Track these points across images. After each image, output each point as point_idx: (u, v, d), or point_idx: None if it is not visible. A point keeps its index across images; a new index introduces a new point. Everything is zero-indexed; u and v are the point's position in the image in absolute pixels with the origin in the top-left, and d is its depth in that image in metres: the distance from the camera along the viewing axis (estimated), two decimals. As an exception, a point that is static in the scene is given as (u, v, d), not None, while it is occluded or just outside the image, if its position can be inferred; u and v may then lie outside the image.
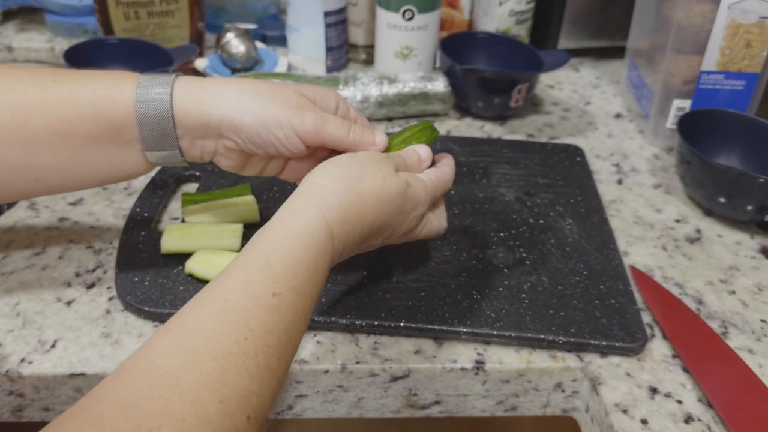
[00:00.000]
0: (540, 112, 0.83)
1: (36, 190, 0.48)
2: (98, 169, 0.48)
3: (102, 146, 0.47)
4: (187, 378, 0.33)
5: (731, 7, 0.68)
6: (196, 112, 0.47)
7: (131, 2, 0.79)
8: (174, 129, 0.47)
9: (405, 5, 0.78)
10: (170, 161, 0.49)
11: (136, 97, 0.46)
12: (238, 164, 0.51)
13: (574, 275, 0.57)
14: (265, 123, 0.47)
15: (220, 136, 0.48)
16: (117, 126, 0.46)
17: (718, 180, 0.63)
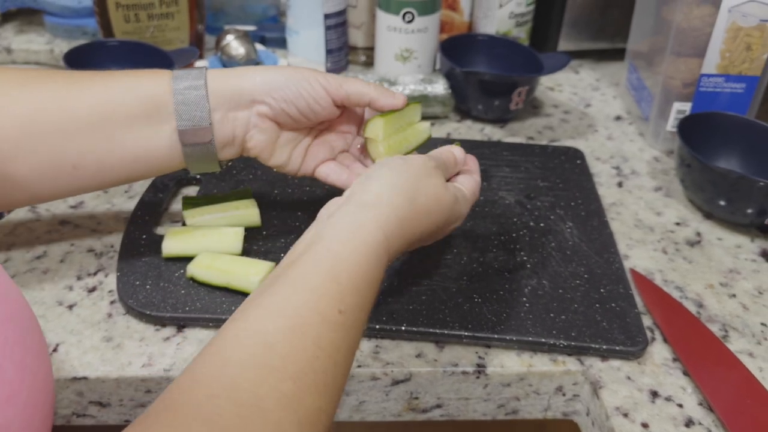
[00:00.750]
0: (540, 115, 0.83)
1: (72, 181, 0.50)
2: (134, 153, 0.50)
3: (138, 128, 0.49)
4: (268, 398, 0.33)
5: (731, 11, 0.68)
6: (228, 81, 0.50)
7: (131, 4, 0.79)
8: (207, 100, 0.49)
9: (405, 8, 0.78)
10: (201, 145, 0.51)
11: (173, 75, 0.50)
12: (269, 141, 0.53)
13: (575, 279, 0.57)
14: (294, 79, 0.51)
15: (252, 103, 0.51)
16: (154, 104, 0.49)
17: (718, 183, 0.63)
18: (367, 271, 0.41)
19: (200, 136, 0.50)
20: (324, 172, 0.56)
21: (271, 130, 0.53)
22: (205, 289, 0.54)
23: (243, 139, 0.52)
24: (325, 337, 0.37)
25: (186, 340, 0.51)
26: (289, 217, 0.62)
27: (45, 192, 0.50)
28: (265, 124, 0.52)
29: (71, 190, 0.51)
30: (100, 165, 0.50)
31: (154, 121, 0.49)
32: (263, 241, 0.59)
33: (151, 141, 0.50)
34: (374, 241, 0.42)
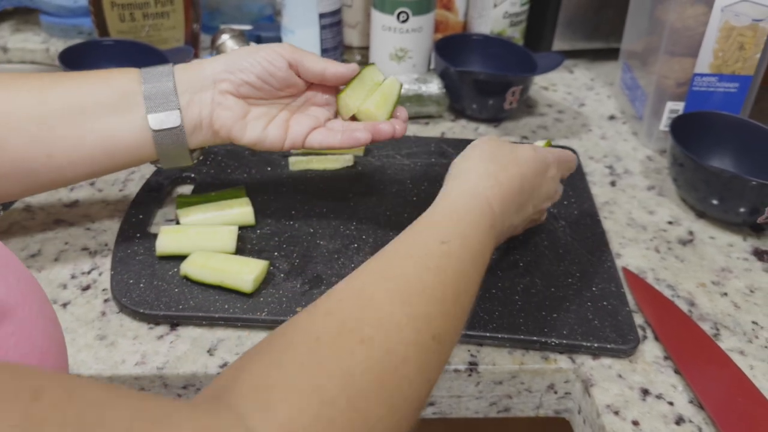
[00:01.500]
0: (534, 114, 0.83)
1: (46, 172, 0.51)
2: (105, 142, 0.51)
3: (109, 116, 0.51)
4: (382, 297, 0.38)
5: (724, 10, 0.68)
6: (193, 68, 0.53)
7: (126, 4, 0.79)
8: (174, 86, 0.52)
9: (400, 7, 0.78)
10: (170, 130, 0.52)
11: (142, 70, 0.53)
12: (238, 116, 0.53)
13: (567, 277, 0.57)
14: (251, 51, 0.53)
15: (214, 83, 0.53)
16: (124, 93, 0.51)
17: (711, 182, 0.63)
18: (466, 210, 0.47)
19: (169, 121, 0.52)
20: (315, 140, 0.55)
21: (236, 106, 0.53)
22: (199, 287, 0.54)
23: (210, 120, 0.53)
24: (431, 259, 0.42)
25: (179, 339, 0.51)
26: (283, 216, 0.62)
27: (24, 183, 0.51)
28: (228, 100, 0.53)
29: (46, 181, 0.52)
30: (74, 153, 0.51)
31: (124, 109, 0.51)
32: (257, 239, 0.60)
33: (121, 128, 0.51)
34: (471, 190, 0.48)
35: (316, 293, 0.54)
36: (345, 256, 0.58)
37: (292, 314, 0.52)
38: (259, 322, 0.52)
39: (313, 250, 0.59)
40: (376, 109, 0.56)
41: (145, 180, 0.66)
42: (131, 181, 0.68)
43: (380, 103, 0.56)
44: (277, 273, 0.56)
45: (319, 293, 0.54)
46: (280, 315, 0.52)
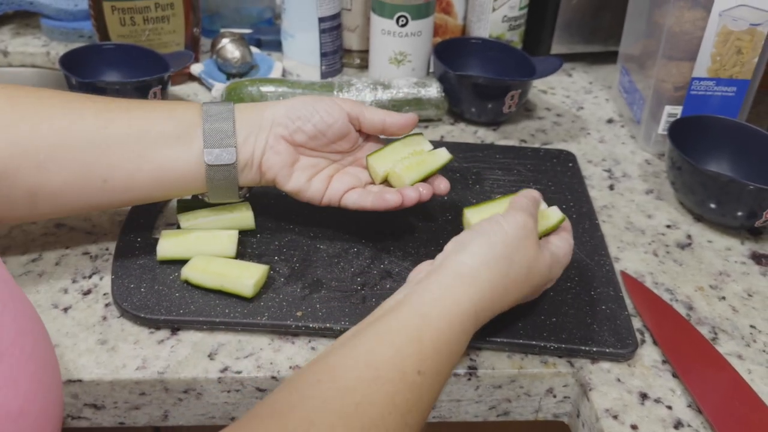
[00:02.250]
0: (533, 118, 0.83)
1: (100, 195, 0.53)
2: (161, 172, 0.53)
3: (168, 147, 0.53)
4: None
5: (722, 15, 0.69)
6: (254, 109, 0.55)
7: (127, 8, 0.79)
8: (233, 124, 0.54)
9: (399, 12, 0.79)
10: (224, 166, 0.54)
11: (204, 105, 0.55)
12: (285, 162, 0.55)
13: (566, 281, 0.57)
14: (312, 100, 0.56)
15: (271, 126, 0.55)
16: (185, 126, 0.53)
17: (709, 186, 0.64)
18: (450, 338, 0.42)
19: (223, 158, 0.53)
20: (351, 200, 0.57)
21: (286, 152, 0.55)
22: (200, 291, 0.54)
23: (260, 161, 0.55)
24: (401, 394, 0.38)
25: (180, 343, 0.51)
26: (283, 220, 0.63)
27: (72, 204, 0.53)
28: (280, 145, 0.55)
29: (98, 204, 0.54)
30: (129, 181, 0.53)
31: (183, 142, 0.53)
32: (257, 244, 0.60)
33: (178, 160, 0.53)
34: (464, 314, 0.43)
35: (316, 297, 0.54)
36: (345, 260, 0.59)
37: (292, 318, 0.52)
38: (260, 326, 0.52)
39: (313, 254, 0.59)
40: (401, 174, 0.56)
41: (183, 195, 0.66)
42: (132, 185, 0.68)
43: (410, 168, 0.57)
44: (277, 277, 0.56)
45: (318, 297, 0.54)
46: (280, 319, 0.52)
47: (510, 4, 0.84)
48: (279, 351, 0.51)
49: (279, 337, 0.52)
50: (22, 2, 0.91)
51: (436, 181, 0.57)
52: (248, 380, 0.50)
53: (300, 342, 0.52)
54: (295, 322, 0.52)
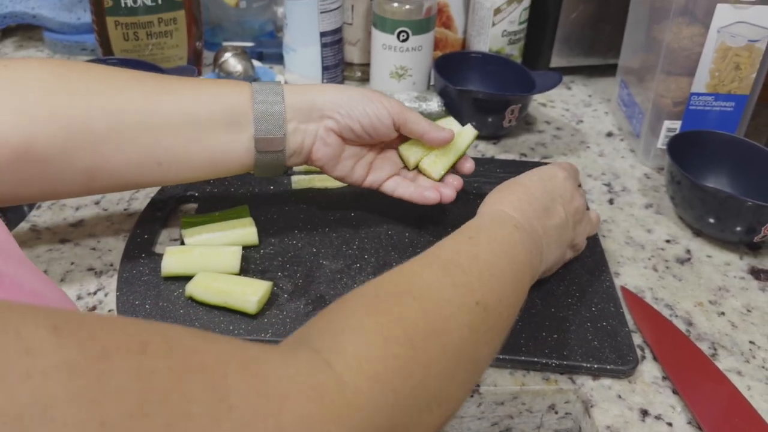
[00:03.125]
0: (533, 131, 0.84)
1: (156, 176, 0.54)
2: (214, 153, 0.54)
3: (220, 133, 0.54)
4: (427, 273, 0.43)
5: (720, 31, 0.69)
6: (303, 96, 0.56)
7: (130, 23, 0.80)
8: (283, 110, 0.55)
9: (400, 27, 0.79)
10: (273, 153, 0.55)
11: (253, 89, 0.55)
12: (335, 153, 0.58)
13: (567, 297, 0.58)
14: (362, 99, 0.57)
15: (322, 117, 0.56)
16: (236, 113, 0.54)
17: (708, 201, 0.64)
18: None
19: (274, 145, 0.55)
20: (390, 187, 0.61)
21: (335, 144, 0.58)
22: (204, 308, 0.55)
23: (310, 149, 0.58)
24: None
25: (185, 360, 0.52)
26: (286, 236, 0.63)
27: (128, 183, 0.55)
28: (330, 138, 0.57)
29: (153, 182, 0.55)
30: (182, 164, 0.54)
31: (235, 129, 0.54)
32: (261, 259, 0.60)
33: (229, 146, 0.54)
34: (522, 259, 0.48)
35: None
36: (348, 276, 0.59)
37: (296, 335, 0.53)
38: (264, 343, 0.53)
39: (316, 270, 0.59)
40: (429, 168, 0.61)
41: (149, 199, 0.67)
42: (136, 200, 0.68)
43: (435, 162, 0.61)
44: (280, 293, 0.57)
45: (322, 314, 0.55)
46: (284, 336, 0.53)
47: (509, 18, 0.85)
48: (283, 368, 0.52)
49: (283, 353, 0.53)
50: (25, 16, 0.92)
51: (463, 164, 0.62)
52: (253, 397, 0.50)
53: (304, 359, 0.52)
54: (298, 339, 0.53)
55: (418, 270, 0.43)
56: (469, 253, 0.45)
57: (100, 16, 0.79)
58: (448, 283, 0.41)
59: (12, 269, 0.31)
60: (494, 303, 0.42)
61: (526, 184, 0.54)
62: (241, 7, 0.95)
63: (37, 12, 0.91)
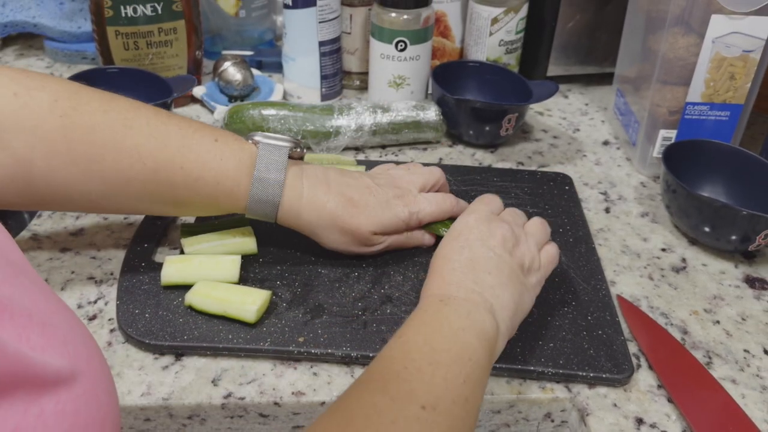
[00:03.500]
0: (530, 140, 0.85)
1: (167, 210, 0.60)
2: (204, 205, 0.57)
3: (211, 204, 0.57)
4: None
5: (715, 41, 0.70)
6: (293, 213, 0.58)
7: (130, 33, 0.81)
8: (276, 213, 0.58)
9: (398, 37, 0.80)
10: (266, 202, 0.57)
11: (250, 198, 0.56)
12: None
13: (563, 306, 0.58)
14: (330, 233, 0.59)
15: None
16: (232, 200, 0.57)
17: (703, 210, 0.65)
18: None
19: (266, 216, 0.58)
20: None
21: None
22: (203, 317, 0.55)
23: None
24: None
25: (184, 369, 0.52)
26: (285, 245, 0.64)
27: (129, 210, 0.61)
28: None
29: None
30: (187, 205, 0.58)
31: (226, 206, 0.57)
32: (260, 268, 0.61)
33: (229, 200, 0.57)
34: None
35: (318, 323, 0.55)
36: (346, 284, 0.60)
37: (294, 344, 0.53)
38: (262, 352, 0.53)
39: (315, 279, 0.60)
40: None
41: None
42: (135, 209, 0.69)
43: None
44: (279, 302, 0.57)
45: (320, 323, 0.55)
46: (282, 345, 0.53)
47: (506, 28, 0.85)
48: (281, 377, 0.52)
49: (281, 362, 0.53)
50: (26, 25, 0.93)
51: None
52: (251, 406, 0.50)
53: (302, 367, 0.53)
54: (297, 348, 0.53)
55: (356, 398, 0.40)
56: (402, 354, 0.42)
57: (101, 26, 0.80)
58: (386, 402, 0.39)
59: (19, 293, 0.30)
60: (442, 392, 0.40)
61: (443, 253, 0.52)
62: (241, 17, 0.96)
63: (38, 21, 0.92)
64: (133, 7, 0.79)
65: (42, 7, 0.94)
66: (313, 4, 0.81)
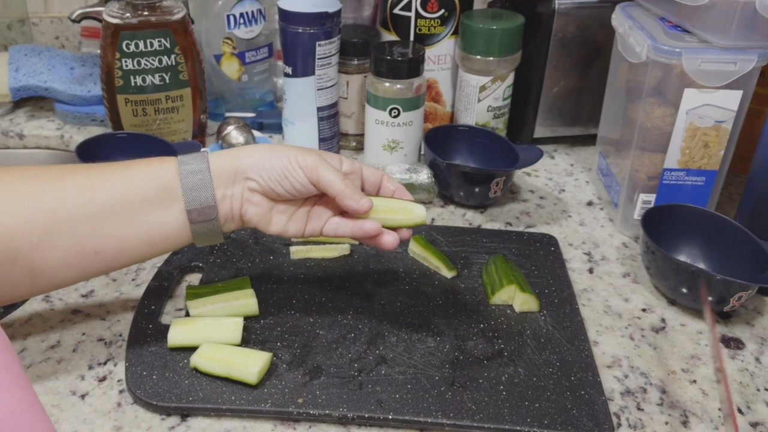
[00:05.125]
0: (518, 200, 0.89)
1: (94, 266, 0.56)
2: (150, 233, 0.56)
3: (153, 209, 0.56)
4: None
5: (689, 113, 0.75)
6: (227, 160, 0.57)
7: (139, 100, 0.85)
8: (209, 178, 0.56)
9: (391, 104, 0.85)
10: (207, 222, 0.57)
11: (179, 161, 0.57)
12: (264, 213, 0.59)
13: (548, 366, 0.62)
14: (278, 159, 0.57)
15: (245, 179, 0.58)
16: (166, 189, 0.56)
17: (680, 273, 0.69)
18: None
19: (206, 214, 0.57)
20: (332, 229, 0.60)
21: (263, 202, 0.59)
22: (207, 378, 0.58)
23: (240, 212, 0.59)
24: None
25: (190, 429, 0.55)
26: (285, 306, 0.67)
27: (68, 278, 0.56)
28: (255, 198, 0.58)
29: (92, 273, 0.57)
30: (120, 248, 0.56)
31: (166, 204, 0.56)
32: (261, 329, 0.64)
33: (164, 222, 0.56)
34: None
35: (316, 383, 0.58)
36: (343, 345, 0.63)
37: (294, 405, 0.56)
38: (263, 413, 0.56)
39: (313, 340, 0.63)
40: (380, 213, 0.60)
41: (156, 269, 0.71)
42: (143, 269, 0.72)
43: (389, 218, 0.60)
44: (279, 363, 0.60)
45: (318, 384, 0.58)
46: (282, 406, 0.56)
47: (494, 95, 0.90)
48: (282, 437, 0.55)
49: (282, 422, 0.56)
50: (38, 89, 0.97)
51: (400, 231, 0.60)
52: (253, 465, 0.53)
53: (301, 428, 0.56)
54: (296, 409, 0.56)
55: None
56: None
57: (111, 94, 0.85)
58: None
59: None
60: None
61: None
62: (243, 81, 1.01)
63: (49, 85, 0.97)
64: (143, 77, 0.84)
65: (53, 72, 0.98)
66: (312, 74, 0.86)
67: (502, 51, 0.88)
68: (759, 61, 0.71)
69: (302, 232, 0.61)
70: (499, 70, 0.89)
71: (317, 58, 0.86)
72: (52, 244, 0.53)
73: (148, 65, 0.84)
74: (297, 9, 0.83)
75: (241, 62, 0.99)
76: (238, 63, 0.99)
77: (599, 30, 0.91)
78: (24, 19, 1.13)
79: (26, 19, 1.14)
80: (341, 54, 0.89)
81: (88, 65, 1.01)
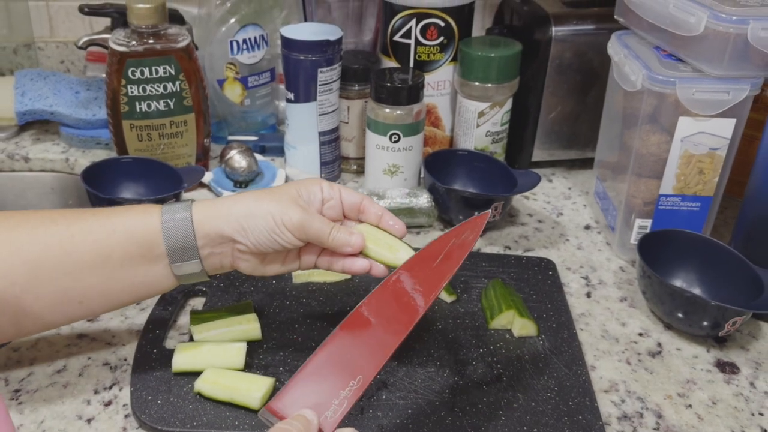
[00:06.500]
0: (516, 224, 0.90)
1: (79, 313, 0.57)
2: (133, 285, 0.57)
3: (135, 265, 0.56)
4: None
5: (683, 140, 0.76)
6: (212, 223, 0.57)
7: (144, 126, 0.87)
8: (195, 240, 0.57)
9: (391, 130, 0.86)
10: (193, 274, 0.58)
11: (163, 218, 0.57)
12: (257, 265, 0.60)
13: (546, 391, 0.63)
14: (263, 218, 0.57)
15: (232, 242, 0.58)
16: (148, 244, 0.56)
17: (676, 298, 0.70)
18: None
19: (191, 267, 0.58)
20: (325, 263, 0.62)
21: (254, 258, 0.60)
22: (211, 403, 0.59)
23: (231, 265, 0.60)
24: None
25: (194, 454, 0.56)
26: (287, 330, 0.68)
27: (54, 323, 0.59)
28: (245, 256, 0.59)
29: (78, 318, 0.59)
30: (104, 298, 0.58)
31: (150, 260, 0.57)
32: (264, 354, 0.65)
33: (147, 275, 0.57)
34: None
35: (318, 408, 0.59)
36: (344, 370, 0.64)
37: (296, 430, 0.57)
38: (267, 438, 0.57)
39: (315, 365, 0.64)
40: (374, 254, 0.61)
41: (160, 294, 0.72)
42: (147, 294, 0.73)
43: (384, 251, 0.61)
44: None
45: (321, 409, 0.59)
46: (285, 431, 0.57)
47: (492, 120, 0.92)
48: (284, 462, 0.56)
49: (284, 447, 0.57)
50: (43, 113, 0.99)
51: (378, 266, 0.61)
52: (256, 491, 0.54)
53: (304, 453, 0.57)
54: (299, 434, 0.57)
55: None
56: None
57: (116, 119, 0.86)
58: None
59: None
60: None
61: None
62: (246, 105, 1.03)
63: (54, 109, 0.98)
64: (148, 103, 0.86)
65: (59, 96, 1.00)
66: (314, 99, 0.88)
67: (500, 78, 0.90)
68: (751, 90, 0.72)
69: (297, 268, 0.63)
70: (497, 96, 0.91)
71: (319, 85, 0.87)
72: (35, 293, 0.54)
73: (153, 91, 0.85)
74: (299, 37, 0.85)
75: (244, 87, 1.01)
76: (241, 87, 1.01)
77: (595, 56, 0.93)
78: (30, 43, 1.15)
79: (32, 44, 1.15)
80: (342, 79, 0.91)
81: (93, 89, 1.02)
